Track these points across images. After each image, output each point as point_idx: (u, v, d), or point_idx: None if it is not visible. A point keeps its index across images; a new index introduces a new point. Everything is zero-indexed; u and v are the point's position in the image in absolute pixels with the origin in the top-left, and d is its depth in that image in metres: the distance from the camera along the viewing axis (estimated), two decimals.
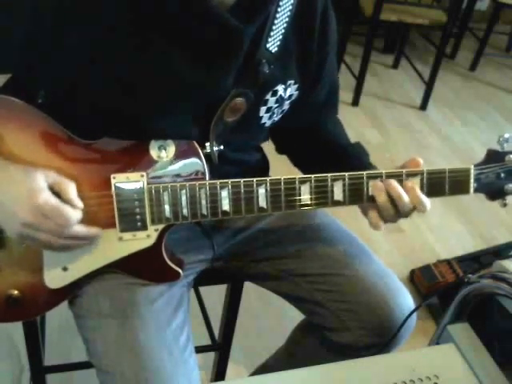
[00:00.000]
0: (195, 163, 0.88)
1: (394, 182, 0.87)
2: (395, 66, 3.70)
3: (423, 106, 3.24)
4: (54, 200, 0.79)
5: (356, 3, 3.12)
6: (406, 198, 0.86)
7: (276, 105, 0.95)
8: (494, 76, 3.79)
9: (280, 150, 1.14)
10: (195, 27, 0.81)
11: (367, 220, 0.91)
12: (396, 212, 0.88)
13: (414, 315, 1.00)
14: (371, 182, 0.87)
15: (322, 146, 1.09)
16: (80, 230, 0.83)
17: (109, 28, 0.79)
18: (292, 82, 0.95)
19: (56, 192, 0.80)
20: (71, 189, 0.82)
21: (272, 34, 0.88)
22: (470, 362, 0.91)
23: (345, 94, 3.18)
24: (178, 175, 0.87)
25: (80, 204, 0.82)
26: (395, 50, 3.72)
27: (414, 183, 0.87)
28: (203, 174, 0.88)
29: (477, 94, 3.53)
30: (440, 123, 3.15)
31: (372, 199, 0.88)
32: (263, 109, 0.94)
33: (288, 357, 1.22)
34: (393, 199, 0.86)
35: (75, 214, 0.81)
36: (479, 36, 3.83)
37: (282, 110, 0.98)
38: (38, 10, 0.79)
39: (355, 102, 3.17)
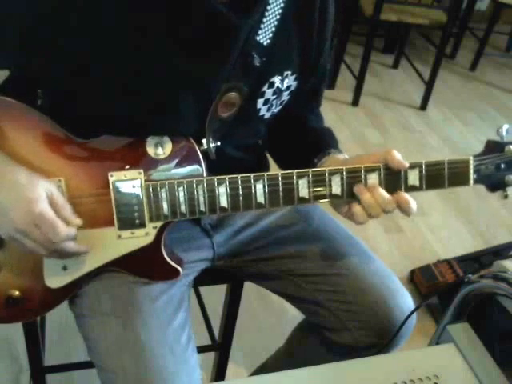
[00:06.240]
0: (192, 160, 0.88)
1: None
2: (395, 66, 3.70)
3: (423, 106, 3.24)
4: (50, 213, 0.80)
5: (356, 3, 3.12)
6: (386, 196, 0.86)
7: (274, 96, 0.94)
8: (494, 76, 3.79)
9: None
10: (192, 23, 0.80)
11: (346, 216, 0.92)
12: (381, 210, 0.87)
13: (414, 315, 1.00)
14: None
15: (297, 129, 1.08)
16: (70, 246, 0.84)
17: (107, 27, 0.79)
18: (289, 72, 0.94)
19: (53, 205, 0.81)
20: (67, 207, 0.83)
21: (263, 26, 0.87)
22: (470, 362, 0.91)
23: (345, 94, 3.18)
24: (175, 172, 0.87)
25: (76, 221, 0.83)
26: (395, 50, 3.73)
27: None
28: (201, 170, 0.88)
29: (477, 94, 3.53)
30: (440, 123, 3.15)
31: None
32: (260, 101, 0.93)
33: (288, 357, 1.22)
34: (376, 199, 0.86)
35: (67, 230, 0.81)
36: (479, 36, 3.84)
37: (282, 102, 0.97)
38: (37, 10, 0.79)
39: (355, 102, 3.17)
